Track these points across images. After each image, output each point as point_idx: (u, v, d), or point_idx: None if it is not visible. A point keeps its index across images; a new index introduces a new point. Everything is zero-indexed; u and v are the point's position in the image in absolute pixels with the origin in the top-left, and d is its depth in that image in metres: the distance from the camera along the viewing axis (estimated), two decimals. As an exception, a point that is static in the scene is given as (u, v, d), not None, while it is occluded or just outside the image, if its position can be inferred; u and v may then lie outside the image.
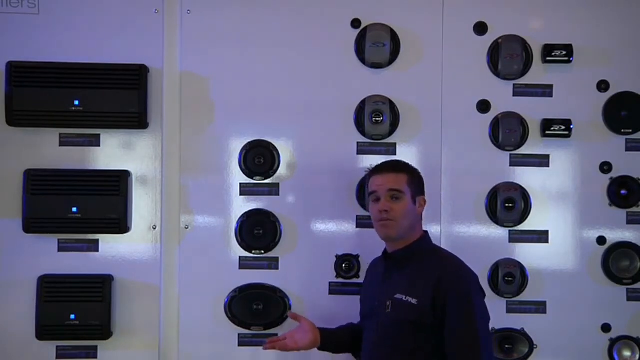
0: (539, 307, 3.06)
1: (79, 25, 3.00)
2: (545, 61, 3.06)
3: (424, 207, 2.52)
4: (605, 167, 3.08)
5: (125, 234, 2.97)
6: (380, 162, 2.69)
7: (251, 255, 3.03)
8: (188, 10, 3.05)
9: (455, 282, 2.31)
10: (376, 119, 3.02)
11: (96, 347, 2.98)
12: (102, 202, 2.91)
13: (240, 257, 3.04)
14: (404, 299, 2.34)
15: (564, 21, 3.10)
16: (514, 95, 3.08)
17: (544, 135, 3.06)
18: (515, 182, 3.07)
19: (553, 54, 3.04)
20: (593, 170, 3.08)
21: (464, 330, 2.27)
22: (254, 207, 3.04)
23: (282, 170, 3.05)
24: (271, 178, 3.05)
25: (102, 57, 2.97)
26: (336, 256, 3.04)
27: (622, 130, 3.07)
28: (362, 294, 2.68)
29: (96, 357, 2.98)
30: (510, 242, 3.07)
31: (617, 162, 3.08)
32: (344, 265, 3.04)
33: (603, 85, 3.08)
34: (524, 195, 3.04)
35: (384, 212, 2.44)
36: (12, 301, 2.96)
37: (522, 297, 3.05)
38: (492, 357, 2.34)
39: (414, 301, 2.31)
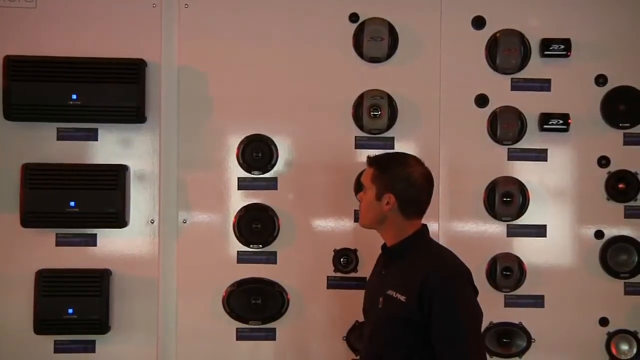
0: (537, 301, 3.06)
1: (76, 19, 3.00)
2: (543, 55, 3.07)
3: (392, 205, 2.36)
4: (603, 161, 3.08)
5: (123, 229, 2.97)
6: (380, 153, 2.64)
7: (249, 249, 3.03)
8: (186, 5, 3.04)
9: (440, 281, 2.26)
10: (374, 113, 3.02)
11: (94, 341, 2.97)
12: (100, 197, 2.91)
13: (238, 251, 3.03)
14: (394, 295, 2.32)
15: (562, 15, 3.10)
16: (512, 90, 3.08)
17: (542, 129, 3.06)
18: (513, 176, 3.07)
19: (551, 48, 3.05)
20: (591, 164, 3.09)
21: (449, 330, 2.23)
22: (252, 202, 3.04)
23: (280, 164, 3.05)
24: (269, 172, 3.05)
25: (100, 51, 2.96)
26: (334, 250, 3.04)
27: (620, 125, 3.08)
28: (366, 289, 2.67)
29: (94, 352, 2.98)
30: (508, 236, 3.08)
31: (614, 156, 3.08)
32: (342, 259, 3.04)
33: (601, 80, 3.09)
34: (522, 190, 3.05)
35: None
36: (10, 295, 2.95)
37: (520, 291, 3.05)
38: (480, 355, 2.31)
39: (402, 298, 2.29)
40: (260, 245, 3.02)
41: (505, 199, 3.04)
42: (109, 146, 3.01)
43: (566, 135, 3.07)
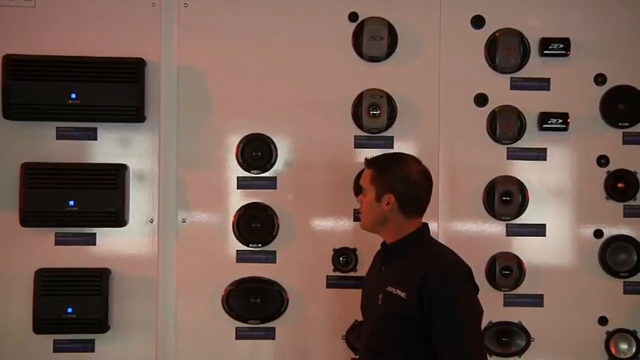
0: (536, 301, 3.06)
1: (76, 18, 3.00)
2: (542, 55, 3.07)
3: (392, 205, 2.37)
4: (602, 161, 3.08)
5: (122, 228, 2.97)
6: (377, 155, 2.66)
7: (248, 248, 3.02)
8: (185, 4, 3.04)
9: (440, 280, 2.27)
10: (373, 113, 3.02)
11: (93, 340, 2.97)
12: (99, 196, 2.91)
13: (237, 250, 3.03)
14: (394, 292, 2.33)
15: (561, 15, 3.10)
16: (511, 89, 3.08)
17: (541, 128, 3.06)
18: (513, 175, 3.07)
19: (550, 47, 3.05)
20: (590, 163, 3.09)
21: (449, 329, 2.24)
22: (251, 201, 3.04)
23: (279, 163, 3.05)
24: (268, 171, 3.05)
25: (99, 50, 2.96)
26: (333, 250, 3.04)
27: (619, 124, 3.08)
28: (364, 286, 2.67)
29: (93, 351, 2.98)
30: (507, 235, 3.08)
31: (614, 156, 3.08)
32: (341, 258, 3.04)
33: (600, 79, 3.09)
34: (521, 189, 3.05)
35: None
36: (9, 295, 2.96)
37: (519, 290, 3.05)
38: (480, 354, 2.31)
39: (403, 295, 2.30)
40: (260, 245, 3.02)
41: (504, 198, 3.04)
42: (109, 145, 3.01)
43: (565, 134, 3.07)
